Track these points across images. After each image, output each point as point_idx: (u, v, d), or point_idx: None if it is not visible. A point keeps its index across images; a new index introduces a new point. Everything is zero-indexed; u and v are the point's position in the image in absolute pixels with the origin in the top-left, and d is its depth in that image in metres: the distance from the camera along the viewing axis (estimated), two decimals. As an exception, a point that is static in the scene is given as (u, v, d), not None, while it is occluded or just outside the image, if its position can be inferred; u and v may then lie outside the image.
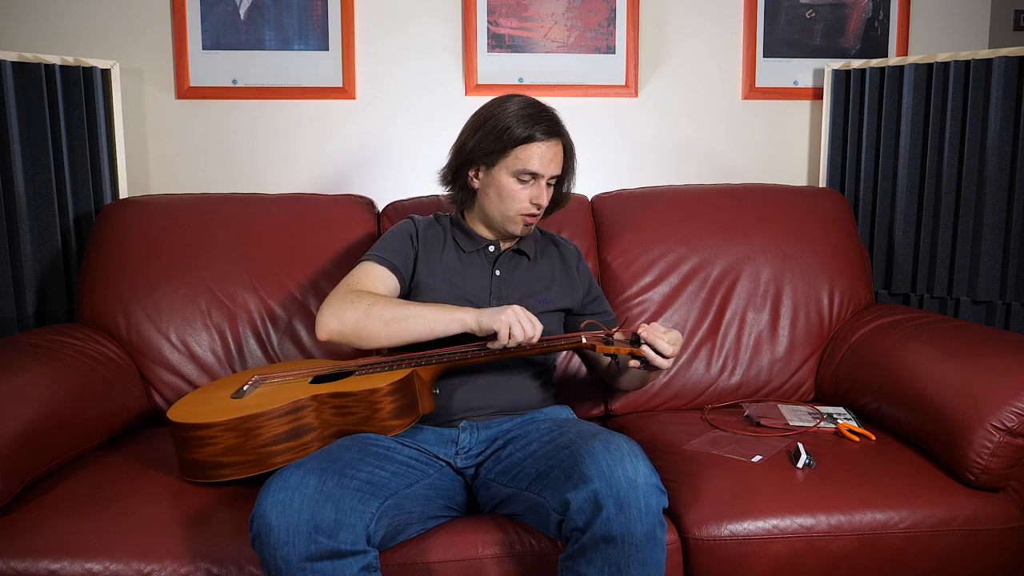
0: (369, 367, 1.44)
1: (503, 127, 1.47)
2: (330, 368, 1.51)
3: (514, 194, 1.51)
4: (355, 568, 1.13)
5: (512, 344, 1.35)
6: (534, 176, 1.50)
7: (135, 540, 1.27)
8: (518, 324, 1.34)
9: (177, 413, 1.39)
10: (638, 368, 1.42)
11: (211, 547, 1.27)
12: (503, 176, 1.51)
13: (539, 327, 1.36)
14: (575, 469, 1.18)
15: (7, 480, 1.31)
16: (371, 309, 1.41)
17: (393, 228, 1.64)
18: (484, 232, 1.62)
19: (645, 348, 1.37)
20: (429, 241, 1.61)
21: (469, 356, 1.40)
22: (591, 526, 1.13)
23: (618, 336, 1.45)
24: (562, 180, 1.59)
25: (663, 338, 1.37)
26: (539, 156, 1.49)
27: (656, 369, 1.42)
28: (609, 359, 1.60)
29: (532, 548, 1.30)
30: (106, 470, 1.49)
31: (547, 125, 1.49)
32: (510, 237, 1.60)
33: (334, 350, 1.84)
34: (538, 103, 1.53)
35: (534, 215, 1.54)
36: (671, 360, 1.39)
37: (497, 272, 1.59)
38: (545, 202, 1.53)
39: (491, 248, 1.60)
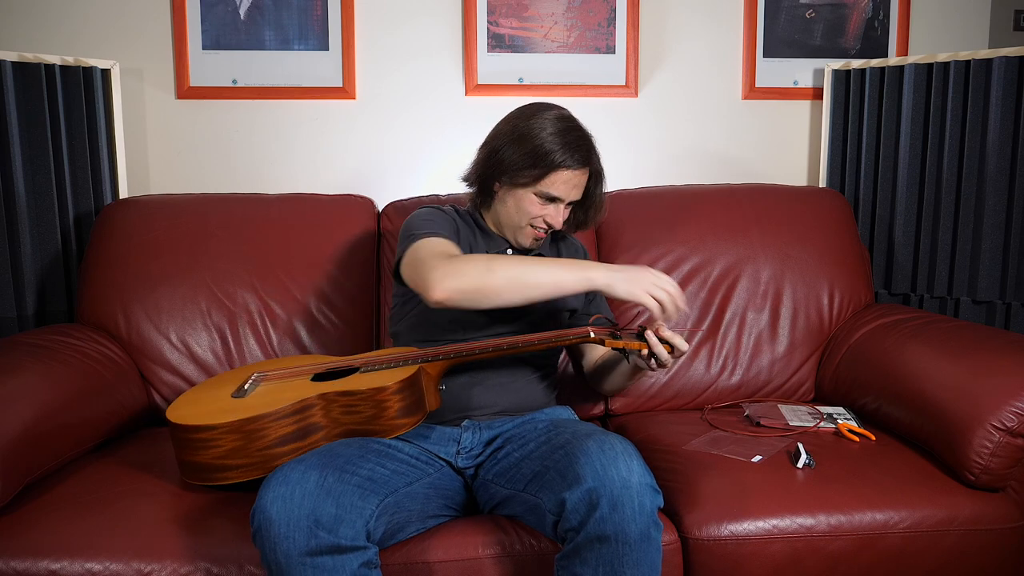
0: (373, 364, 1.42)
1: (540, 152, 1.45)
2: (331, 364, 1.49)
3: (531, 210, 1.50)
4: (355, 564, 1.13)
5: (669, 321, 1.33)
6: (554, 199, 1.50)
7: (135, 540, 1.27)
8: (662, 292, 1.32)
9: (177, 414, 1.36)
10: (646, 362, 1.40)
11: (211, 547, 1.27)
12: (525, 192, 1.50)
13: (679, 291, 1.34)
14: (570, 469, 1.18)
15: (7, 480, 1.31)
16: (492, 264, 1.34)
17: (430, 212, 1.56)
18: (499, 234, 1.62)
19: (653, 340, 1.36)
20: (464, 231, 1.59)
21: (476, 352, 1.40)
22: (585, 526, 1.14)
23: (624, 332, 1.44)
24: (584, 203, 1.58)
25: (679, 336, 1.36)
26: (565, 182, 1.48)
27: (649, 370, 1.41)
28: (618, 353, 1.58)
29: (531, 548, 1.31)
30: (106, 470, 1.49)
31: (582, 154, 1.48)
32: (516, 247, 1.60)
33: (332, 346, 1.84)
34: (576, 125, 1.51)
35: (545, 232, 1.54)
36: (677, 360, 1.38)
37: None
38: (559, 224, 1.52)
39: (508, 251, 1.60)
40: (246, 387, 1.44)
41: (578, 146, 1.48)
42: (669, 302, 1.34)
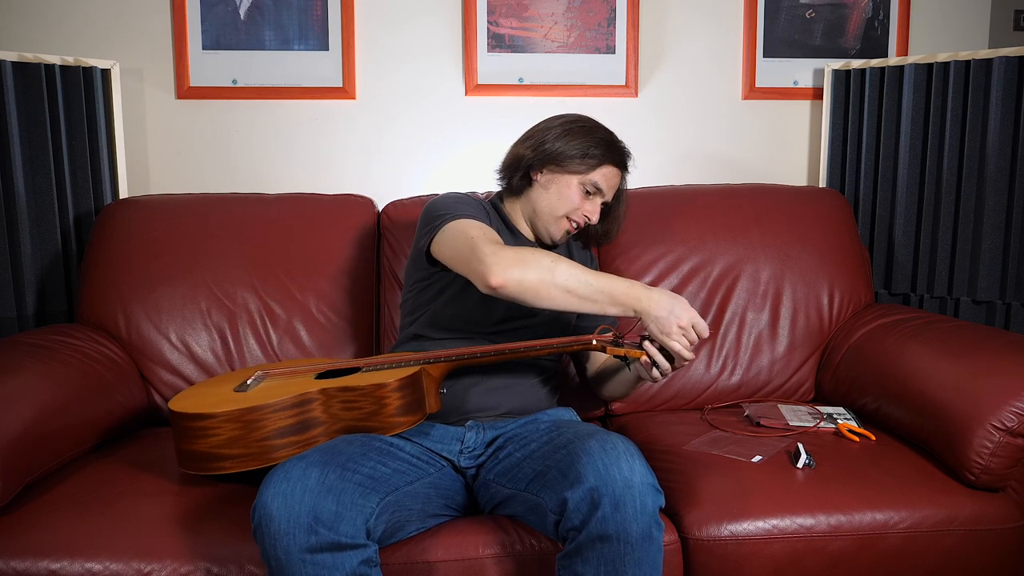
0: (376, 365, 1.43)
1: (594, 146, 1.54)
2: (335, 365, 1.50)
3: (573, 199, 1.56)
4: (355, 561, 1.13)
5: (688, 356, 1.34)
6: (597, 191, 1.56)
7: (135, 540, 1.27)
8: (686, 342, 1.33)
9: (178, 404, 1.37)
10: (648, 371, 1.41)
11: (211, 547, 1.27)
12: (572, 180, 1.55)
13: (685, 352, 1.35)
14: (571, 469, 1.19)
15: (7, 480, 1.31)
16: (555, 268, 1.32)
17: (462, 196, 1.54)
18: (525, 230, 1.63)
19: (652, 350, 1.36)
20: (494, 222, 1.58)
21: (479, 356, 1.41)
22: (587, 525, 1.14)
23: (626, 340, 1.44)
24: (608, 212, 1.64)
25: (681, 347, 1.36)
26: (609, 177, 1.57)
27: (650, 379, 1.42)
28: (619, 361, 1.58)
29: (532, 548, 1.31)
30: (106, 470, 1.49)
31: (624, 158, 1.60)
32: (546, 240, 1.61)
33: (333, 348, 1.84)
34: (616, 136, 1.61)
35: (578, 225, 1.58)
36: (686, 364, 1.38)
37: None
38: (595, 219, 1.58)
39: None
40: (249, 382, 1.45)
41: (622, 151, 1.60)
42: (683, 354, 1.34)
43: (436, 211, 1.50)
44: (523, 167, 1.58)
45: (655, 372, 1.38)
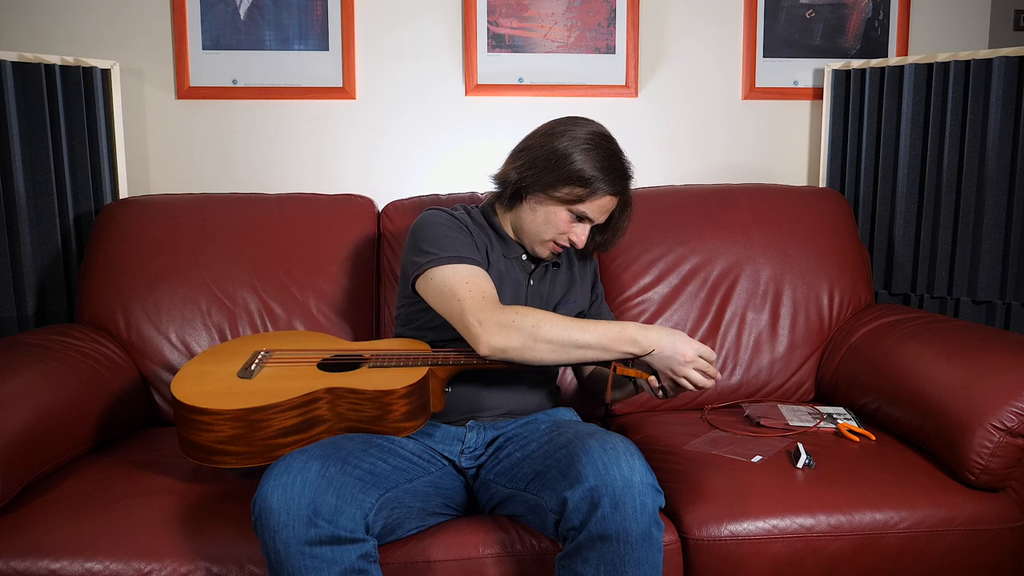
0: (383, 358, 1.41)
1: (585, 174, 1.44)
2: (338, 351, 1.47)
3: (560, 225, 1.49)
4: (353, 556, 1.13)
5: (699, 389, 1.37)
6: (584, 219, 1.50)
7: (135, 540, 1.27)
8: (699, 376, 1.36)
9: (181, 389, 1.33)
10: (654, 391, 1.42)
11: (211, 547, 1.27)
12: (558, 207, 1.48)
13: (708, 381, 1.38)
14: (571, 468, 1.19)
15: (7, 480, 1.31)
16: (536, 332, 1.34)
17: (447, 223, 1.50)
18: (516, 239, 1.59)
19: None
20: (479, 238, 1.55)
21: (487, 363, 1.39)
22: (587, 525, 1.14)
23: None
24: (606, 227, 1.58)
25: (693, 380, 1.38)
26: (600, 206, 1.49)
27: (654, 396, 1.43)
28: (628, 382, 1.57)
29: (532, 548, 1.31)
30: (106, 470, 1.49)
31: (623, 183, 1.49)
32: (532, 255, 1.58)
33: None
34: (619, 150, 1.51)
35: (564, 248, 1.54)
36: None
37: (531, 282, 1.57)
38: (582, 244, 1.52)
39: (524, 257, 1.59)
40: (252, 367, 1.41)
41: (620, 175, 1.49)
42: (689, 387, 1.37)
43: (423, 243, 1.46)
44: (512, 188, 1.52)
45: (660, 392, 1.40)
